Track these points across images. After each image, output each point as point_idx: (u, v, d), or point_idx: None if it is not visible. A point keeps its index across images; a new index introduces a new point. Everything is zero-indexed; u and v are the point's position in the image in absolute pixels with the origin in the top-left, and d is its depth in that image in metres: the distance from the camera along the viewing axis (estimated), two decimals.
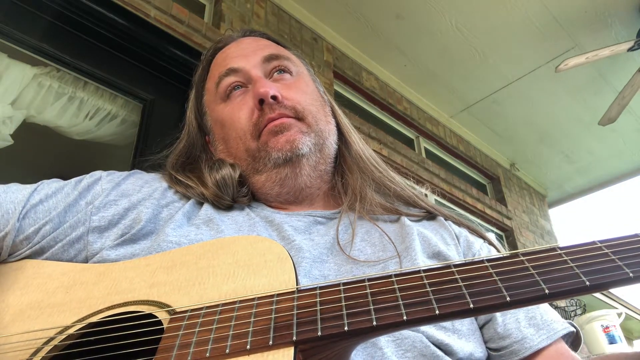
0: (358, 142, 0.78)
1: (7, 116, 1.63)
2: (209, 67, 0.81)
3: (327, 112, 0.77)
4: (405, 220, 0.69)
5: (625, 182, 4.41)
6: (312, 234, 0.64)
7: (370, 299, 0.36)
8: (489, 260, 0.37)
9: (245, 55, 0.75)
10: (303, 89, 0.75)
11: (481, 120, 3.72)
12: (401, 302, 0.35)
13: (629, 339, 5.29)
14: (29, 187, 0.67)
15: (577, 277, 0.34)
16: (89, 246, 0.61)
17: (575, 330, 0.61)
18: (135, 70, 1.89)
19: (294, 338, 0.35)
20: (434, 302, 0.35)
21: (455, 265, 0.37)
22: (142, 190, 0.69)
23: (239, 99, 0.72)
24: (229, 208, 0.68)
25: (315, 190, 0.72)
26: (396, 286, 0.37)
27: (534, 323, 0.60)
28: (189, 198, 0.69)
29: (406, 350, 0.51)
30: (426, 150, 3.51)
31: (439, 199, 3.24)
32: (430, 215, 0.73)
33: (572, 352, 0.60)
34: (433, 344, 0.52)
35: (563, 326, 0.61)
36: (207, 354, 0.36)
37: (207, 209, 0.66)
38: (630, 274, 0.33)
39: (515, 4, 2.72)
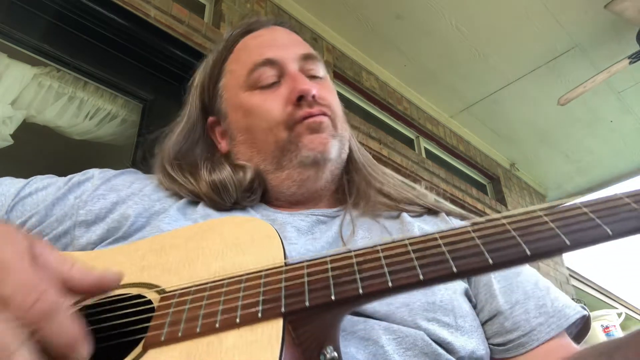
0: (357, 143, 0.79)
1: (7, 116, 1.63)
2: (233, 47, 0.76)
3: (343, 116, 0.76)
4: (405, 216, 0.69)
5: (625, 182, 4.40)
6: (315, 234, 0.64)
7: (356, 268, 0.37)
8: (471, 226, 0.38)
9: (283, 46, 0.72)
10: (334, 92, 0.74)
11: (481, 120, 3.72)
12: (386, 269, 0.36)
13: None
14: (22, 182, 0.66)
15: (558, 237, 0.34)
16: (76, 241, 0.60)
17: (587, 313, 0.61)
18: (135, 70, 1.89)
19: (283, 310, 0.36)
20: (418, 268, 0.35)
21: (439, 233, 0.38)
22: (133, 185, 0.68)
23: (272, 89, 0.69)
24: (229, 210, 0.66)
25: (325, 192, 0.72)
26: (381, 254, 0.38)
27: (545, 311, 0.59)
28: (181, 197, 0.67)
29: (407, 348, 0.51)
30: (426, 150, 3.50)
31: (439, 199, 3.24)
32: (431, 211, 0.73)
33: (574, 345, 0.59)
34: (435, 342, 0.52)
35: (575, 311, 0.60)
36: (198, 330, 0.36)
37: (203, 206, 0.65)
38: (610, 232, 0.34)
39: (515, 4, 2.72)
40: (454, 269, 0.34)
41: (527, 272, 0.66)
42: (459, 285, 0.60)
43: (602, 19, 2.85)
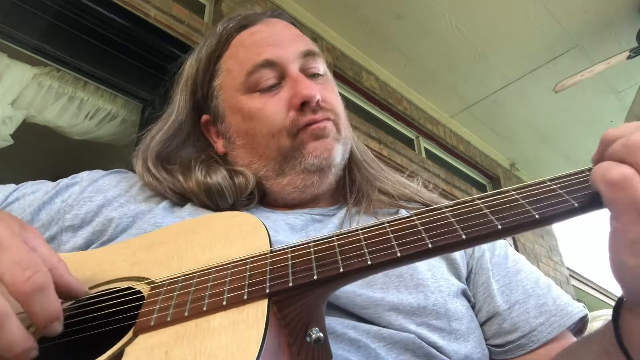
0: (355, 139, 0.76)
1: (7, 116, 1.63)
2: (228, 43, 0.71)
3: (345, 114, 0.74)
4: (403, 213, 0.68)
5: None
6: (309, 232, 0.63)
7: (337, 250, 0.39)
8: (446, 206, 0.40)
9: (282, 45, 0.68)
10: (335, 91, 0.71)
11: (481, 120, 3.72)
12: (366, 250, 0.38)
13: None
14: (11, 187, 0.66)
15: (528, 212, 0.36)
16: (62, 246, 0.60)
17: (587, 314, 0.60)
18: (135, 70, 1.89)
19: (267, 291, 0.37)
20: (396, 246, 0.37)
21: (416, 214, 0.40)
22: (120, 185, 0.67)
23: (272, 92, 0.66)
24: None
25: (326, 193, 0.70)
26: (362, 236, 0.39)
27: (546, 310, 0.58)
28: (166, 197, 0.66)
29: (399, 353, 0.50)
30: (426, 150, 3.50)
31: (434, 194, 3.23)
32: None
33: None
34: (427, 343, 0.51)
35: (579, 308, 0.59)
36: (186, 314, 0.37)
37: (192, 205, 0.64)
38: (576, 205, 0.35)
39: (516, 4, 2.72)
40: (429, 245, 0.36)
41: (527, 270, 0.65)
42: (456, 285, 0.59)
43: (602, 19, 2.85)
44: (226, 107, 0.70)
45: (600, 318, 3.47)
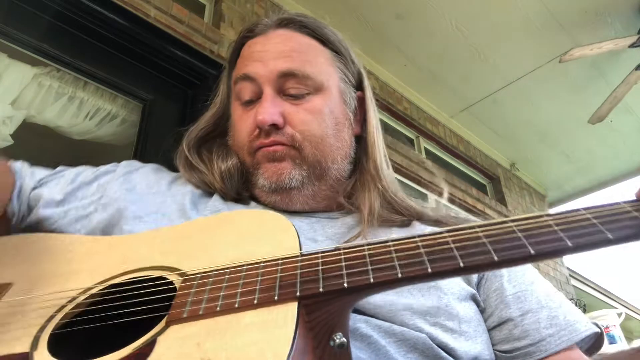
0: (380, 159, 0.73)
1: (7, 116, 1.63)
2: (240, 50, 0.76)
3: (342, 134, 0.71)
4: (417, 224, 0.67)
5: (625, 182, 4.40)
6: (317, 232, 0.64)
7: (368, 259, 0.39)
8: (479, 226, 0.40)
9: (264, 61, 0.68)
10: (317, 109, 0.68)
11: (481, 120, 3.72)
12: (397, 262, 0.38)
13: (629, 339, 5.30)
14: (59, 168, 0.74)
15: (561, 240, 0.36)
16: (91, 220, 0.66)
17: (599, 331, 0.60)
18: (135, 70, 1.89)
19: (298, 294, 0.38)
20: (427, 262, 0.37)
21: (448, 231, 0.40)
22: (149, 178, 0.72)
23: (249, 107, 0.69)
24: (236, 201, 0.68)
25: (317, 205, 0.69)
26: (392, 248, 0.40)
27: (556, 323, 0.58)
28: (196, 188, 0.70)
29: (408, 351, 0.51)
30: (426, 150, 3.51)
31: (439, 199, 3.24)
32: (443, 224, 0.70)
33: (585, 358, 0.58)
34: (437, 345, 0.52)
35: (586, 327, 0.59)
36: (218, 309, 0.39)
37: (215, 200, 0.67)
38: (610, 236, 0.35)
39: (515, 4, 2.72)
40: (461, 264, 0.36)
41: (540, 282, 0.65)
42: (466, 290, 0.60)
43: (601, 19, 2.85)
44: (231, 107, 0.76)
45: (600, 318, 3.47)
